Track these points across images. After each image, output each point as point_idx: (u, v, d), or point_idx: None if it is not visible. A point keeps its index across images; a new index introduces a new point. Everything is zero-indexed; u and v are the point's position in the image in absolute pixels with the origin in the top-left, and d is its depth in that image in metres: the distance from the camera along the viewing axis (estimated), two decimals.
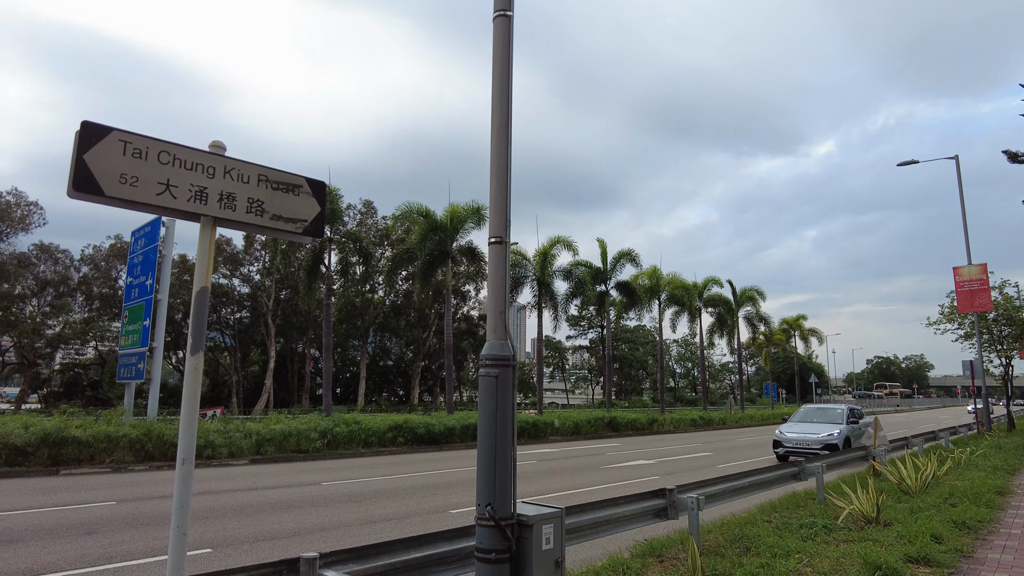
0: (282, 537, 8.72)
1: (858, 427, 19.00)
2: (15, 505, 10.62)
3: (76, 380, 40.86)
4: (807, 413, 20.60)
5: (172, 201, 3.13)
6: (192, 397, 3.05)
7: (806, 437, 17.85)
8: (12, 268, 37.85)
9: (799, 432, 18.28)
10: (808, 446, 17.44)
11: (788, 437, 18.21)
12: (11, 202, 35.17)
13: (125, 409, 18.28)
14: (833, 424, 18.56)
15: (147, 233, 18.31)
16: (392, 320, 53.75)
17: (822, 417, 19.65)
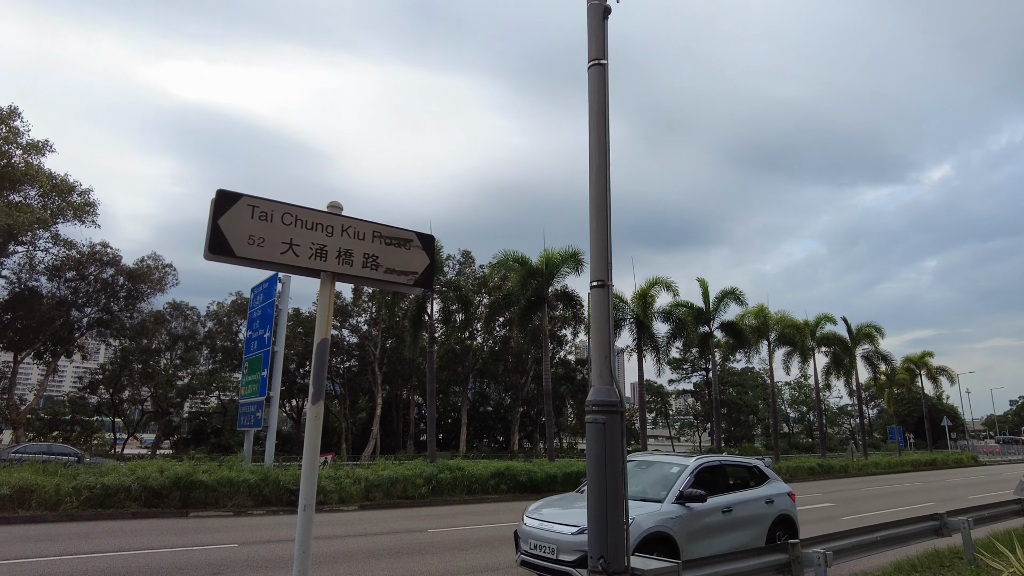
0: None
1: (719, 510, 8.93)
2: (153, 544, 11.38)
3: (202, 427, 43.87)
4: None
5: (295, 259, 3.36)
6: (313, 445, 3.19)
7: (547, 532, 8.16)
8: (151, 325, 41.63)
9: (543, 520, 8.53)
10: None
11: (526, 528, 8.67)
12: (151, 265, 38.90)
13: (244, 455, 19.34)
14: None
15: (265, 289, 19.66)
16: (491, 366, 54.29)
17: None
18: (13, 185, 30.89)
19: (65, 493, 14.44)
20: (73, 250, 35.71)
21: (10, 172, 30.62)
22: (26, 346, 36.40)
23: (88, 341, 42.30)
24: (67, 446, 31.14)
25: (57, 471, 15.89)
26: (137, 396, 44.13)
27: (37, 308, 35.17)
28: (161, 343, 44.05)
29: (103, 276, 37.44)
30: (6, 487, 13.83)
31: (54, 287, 36.75)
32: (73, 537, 11.85)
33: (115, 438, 45.70)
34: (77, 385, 52.39)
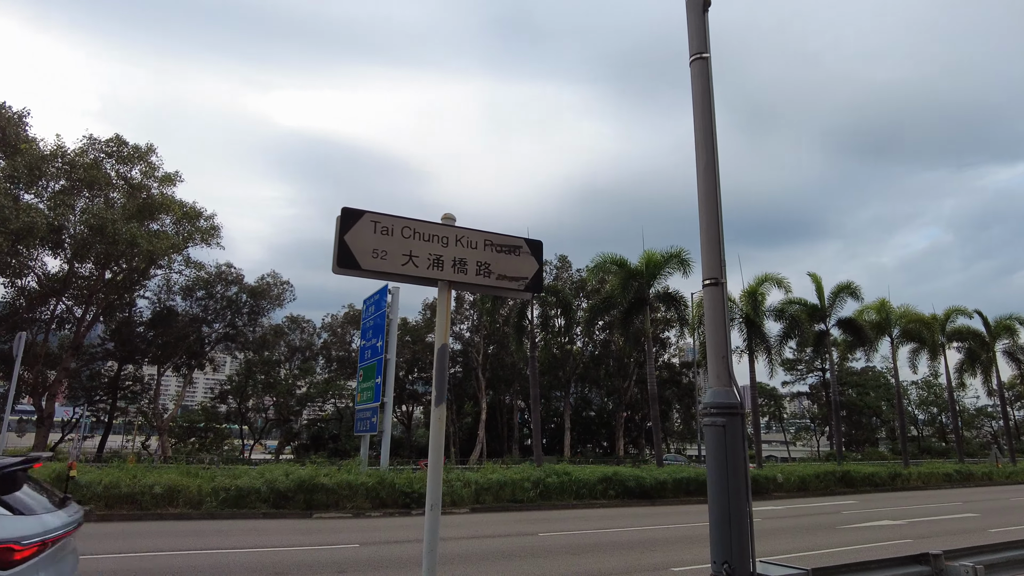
0: None
1: None
2: (282, 543, 12.17)
3: (320, 433, 46.37)
4: None
5: (414, 270, 3.54)
6: (437, 446, 3.34)
7: None
8: (271, 338, 44.66)
9: None
10: None
11: None
12: (270, 282, 41.81)
13: (361, 459, 20.28)
14: None
15: (376, 300, 20.59)
16: (592, 370, 53.92)
17: None
18: (152, 214, 34.11)
19: (206, 494, 15.72)
20: (202, 271, 38.93)
21: (149, 203, 33.84)
22: (166, 360, 40.01)
23: (217, 354, 45.93)
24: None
25: (199, 473, 17.34)
26: (261, 404, 47.35)
27: (174, 325, 38.59)
28: (281, 354, 47.11)
29: (228, 294, 40.58)
30: (159, 487, 15.25)
31: (188, 305, 40.23)
32: (214, 533, 12.88)
33: (243, 444, 49.21)
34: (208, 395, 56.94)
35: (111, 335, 39.72)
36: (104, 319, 37.75)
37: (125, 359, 39.83)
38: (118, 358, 39.88)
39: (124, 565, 9.66)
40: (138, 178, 34.25)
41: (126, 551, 10.82)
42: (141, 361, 40.84)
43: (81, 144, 32.90)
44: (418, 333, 47.81)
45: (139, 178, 34.26)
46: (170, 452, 37.51)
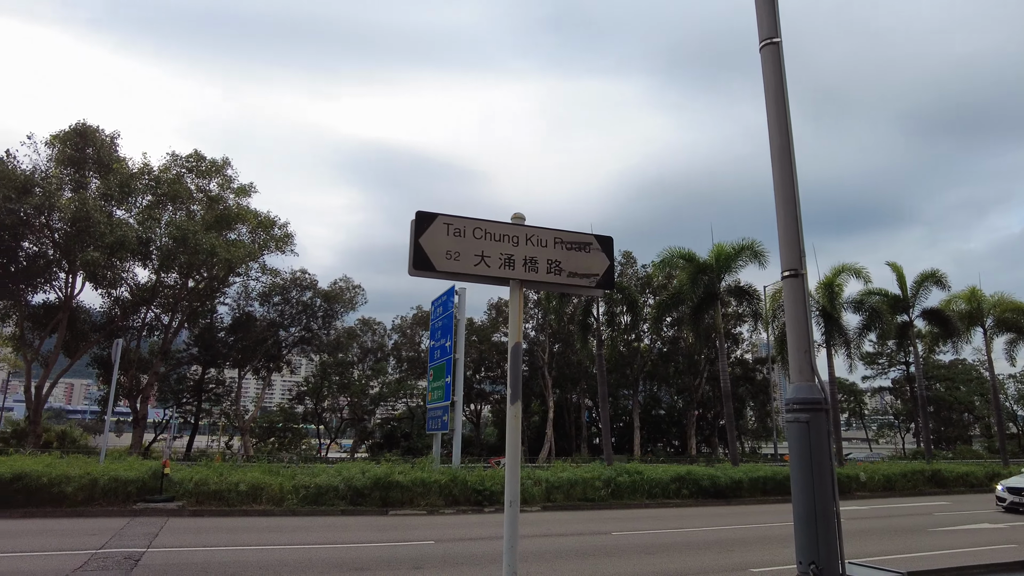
0: None
1: None
2: (361, 539, 12.54)
3: (392, 432, 47.47)
4: None
5: (486, 270, 3.59)
6: (514, 444, 3.37)
7: None
8: (344, 340, 46.10)
9: None
10: None
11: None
12: (342, 287, 43.16)
13: (434, 457, 20.64)
14: None
15: (443, 302, 20.94)
16: (660, 368, 53.02)
17: None
18: (229, 224, 35.80)
19: (287, 491, 16.37)
20: (278, 277, 40.55)
21: (227, 214, 35.53)
22: (246, 363, 41.88)
23: (293, 357, 47.72)
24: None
25: (280, 472, 18.06)
26: (336, 405, 48.87)
27: (253, 330, 40.34)
28: (354, 356, 48.51)
29: (303, 299, 42.11)
30: (244, 485, 15.98)
31: (265, 311, 41.96)
32: (297, 529, 13.40)
33: (319, 443, 50.93)
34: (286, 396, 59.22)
35: (195, 340, 41.88)
36: (188, 325, 39.84)
37: (208, 363, 41.92)
38: (202, 362, 42.01)
39: (215, 558, 10.18)
40: (216, 190, 36.03)
41: (217, 545, 11.39)
42: (223, 365, 42.89)
43: (164, 161, 34.92)
44: (484, 333, 48.25)
45: (216, 190, 36.03)
46: (252, 451, 39.23)
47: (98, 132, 32.57)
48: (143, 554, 10.19)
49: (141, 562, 9.61)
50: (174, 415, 47.32)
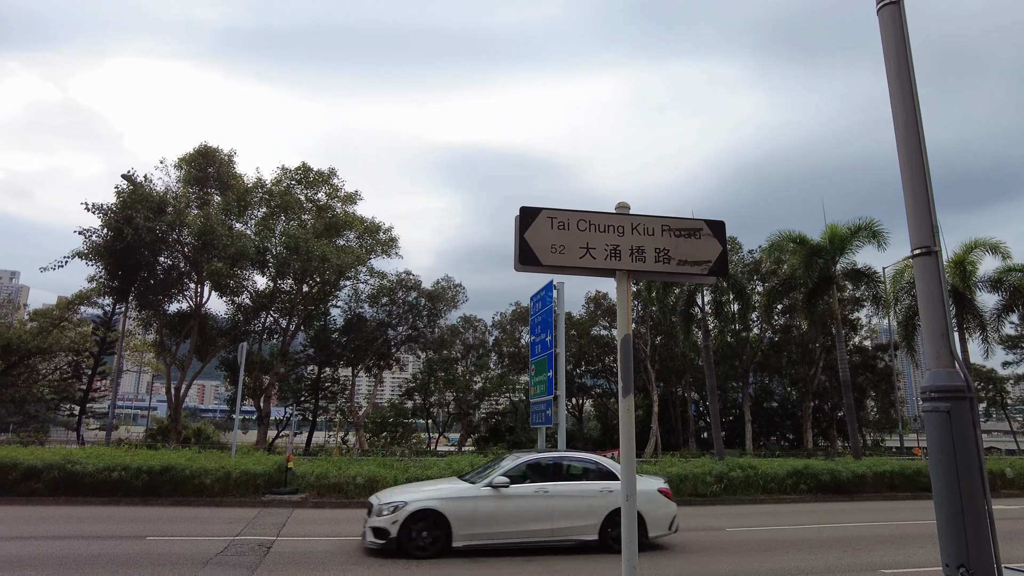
0: None
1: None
2: None
3: (497, 426, 48.26)
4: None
5: (592, 262, 3.55)
6: (628, 437, 3.32)
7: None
8: (448, 338, 47.34)
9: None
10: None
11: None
12: (444, 286, 44.39)
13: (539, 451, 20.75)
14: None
15: (542, 297, 20.96)
16: (772, 358, 50.61)
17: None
18: (338, 231, 37.67)
19: (400, 483, 17.00)
20: (384, 280, 42.20)
21: (335, 222, 37.41)
22: (358, 362, 43.90)
23: (402, 355, 49.51)
24: None
25: (393, 465, 18.81)
26: (442, 400, 50.29)
27: (364, 330, 42.23)
28: (457, 352, 49.72)
29: (408, 299, 43.61)
30: (360, 478, 16.79)
31: (374, 312, 43.80)
32: None
33: (428, 437, 52.59)
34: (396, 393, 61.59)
35: (311, 342, 44.40)
36: (304, 328, 42.28)
37: (324, 363, 44.34)
38: (318, 362, 44.49)
39: (339, 547, 10.74)
40: (323, 200, 38.00)
41: (339, 535, 12.02)
42: (337, 364, 45.21)
43: (276, 175, 37.21)
44: (583, 327, 47.99)
45: (324, 200, 38.00)
46: (366, 445, 41.11)
47: (218, 152, 35.17)
48: (273, 542, 10.92)
49: (272, 549, 10.31)
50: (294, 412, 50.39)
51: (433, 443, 51.02)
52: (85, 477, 15.49)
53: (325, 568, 9.08)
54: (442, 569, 9.10)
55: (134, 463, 15.92)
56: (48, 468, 15.40)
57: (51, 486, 15.34)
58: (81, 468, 15.52)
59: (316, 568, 9.07)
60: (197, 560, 9.30)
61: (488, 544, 9.88)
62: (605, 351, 49.46)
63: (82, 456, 16.52)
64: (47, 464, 15.50)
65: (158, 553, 9.83)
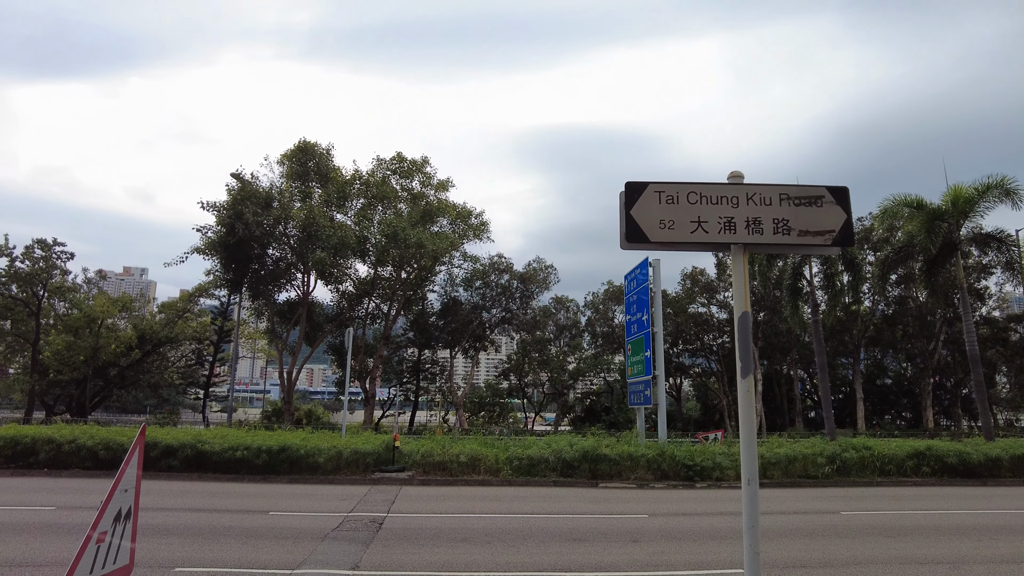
0: (813, 567, 8.35)
1: None
2: (574, 509, 12.86)
3: (593, 406, 48.14)
4: None
5: (704, 236, 3.38)
6: (748, 419, 3.17)
7: None
8: (540, 319, 47.57)
9: None
10: None
11: None
12: (536, 268, 44.61)
13: (638, 432, 20.53)
14: None
15: (638, 275, 20.63)
16: (885, 332, 47.38)
17: None
18: (432, 218, 38.56)
19: (502, 462, 17.32)
20: (477, 263, 42.92)
21: (429, 209, 38.30)
22: (455, 344, 45.01)
23: (496, 336, 50.25)
24: None
25: (494, 444, 19.16)
26: (537, 380, 50.69)
27: (459, 313, 43.22)
28: (550, 333, 49.88)
29: (501, 282, 44.17)
30: (463, 456, 17.22)
31: (469, 295, 44.72)
32: (513, 499, 14.12)
33: (524, 417, 53.25)
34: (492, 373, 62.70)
35: (411, 326, 45.92)
36: (404, 312, 43.76)
37: (423, 345, 45.82)
38: (417, 345, 46.04)
39: (446, 524, 11.08)
40: (417, 188, 38.97)
41: (445, 512, 12.39)
42: (436, 346, 46.61)
43: (371, 166, 38.47)
44: (679, 304, 46.74)
45: (418, 188, 38.97)
46: (466, 425, 42.17)
47: (316, 147, 36.75)
48: (385, 518, 11.40)
49: (384, 526, 10.76)
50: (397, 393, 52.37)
51: (529, 422, 51.60)
52: (213, 456, 16.79)
53: (435, 544, 9.38)
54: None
55: (255, 443, 17.07)
56: (182, 447, 16.80)
57: (185, 463, 16.74)
58: (209, 448, 16.83)
59: (427, 544, 9.39)
60: (316, 535, 9.86)
61: None
62: (703, 329, 48.04)
63: (209, 436, 17.89)
64: (181, 443, 16.90)
65: (280, 527, 10.51)
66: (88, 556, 3.03)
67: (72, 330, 38.82)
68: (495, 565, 8.26)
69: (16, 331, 39.71)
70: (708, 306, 48.09)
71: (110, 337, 39.58)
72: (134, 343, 40.87)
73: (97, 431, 18.21)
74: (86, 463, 16.93)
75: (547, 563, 8.42)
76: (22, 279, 38.05)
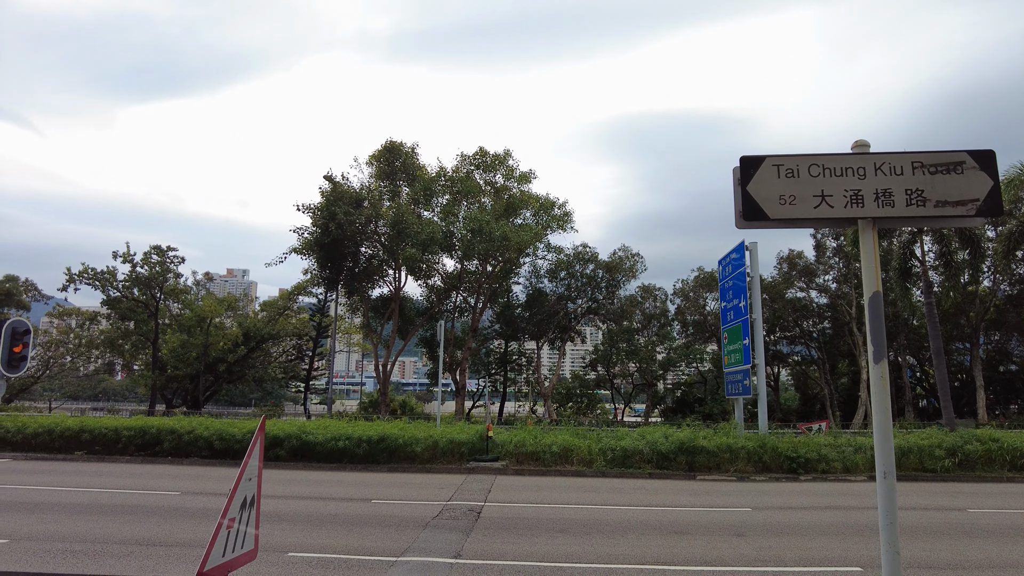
0: (942, 568, 7.76)
1: None
2: (672, 503, 12.57)
3: (684, 397, 46.94)
4: None
5: (828, 211, 3.13)
6: (882, 408, 2.91)
7: None
8: (628, 308, 46.80)
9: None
10: None
11: None
12: (622, 256, 43.84)
13: (737, 422, 19.82)
14: None
15: (733, 260, 19.86)
16: (1009, 314, 43.46)
17: None
18: (515, 211, 38.73)
19: (595, 454, 17.17)
20: (561, 254, 42.69)
21: (512, 202, 38.48)
22: (541, 335, 45.06)
23: (582, 327, 49.91)
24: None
25: (586, 435, 19.04)
26: (625, 371, 49.96)
27: (545, 304, 43.22)
28: (638, 323, 48.98)
29: (586, 272, 43.76)
30: (556, 447, 17.21)
31: (554, 286, 44.62)
32: (609, 490, 13.95)
33: (614, 408, 52.65)
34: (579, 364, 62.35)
35: (497, 318, 46.36)
36: (490, 305, 44.23)
37: (509, 337, 46.13)
38: (504, 337, 46.40)
39: (542, 514, 11.08)
40: (500, 181, 39.22)
41: (541, 502, 12.40)
42: (522, 338, 46.81)
43: (455, 162, 39.06)
44: (776, 290, 44.69)
45: (501, 181, 39.20)
46: (555, 415, 42.21)
47: (402, 146, 37.67)
48: (482, 507, 11.54)
49: (482, 514, 10.89)
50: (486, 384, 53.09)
51: (619, 414, 51.01)
52: (316, 446, 17.57)
53: (534, 535, 9.40)
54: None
55: (355, 433, 17.73)
56: (288, 437, 17.69)
57: (291, 452, 17.62)
58: (313, 438, 17.62)
59: (525, 534, 9.42)
60: (417, 523, 10.10)
61: None
62: (802, 315, 45.80)
63: (312, 427, 18.74)
64: (287, 434, 17.80)
65: (383, 515, 10.84)
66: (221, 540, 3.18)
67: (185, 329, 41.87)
68: (595, 557, 8.17)
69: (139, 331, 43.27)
70: (807, 291, 45.79)
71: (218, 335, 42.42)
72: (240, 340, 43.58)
73: (211, 423, 19.47)
74: (203, 452, 18.14)
75: (649, 556, 8.24)
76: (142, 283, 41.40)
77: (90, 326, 48.19)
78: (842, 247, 41.36)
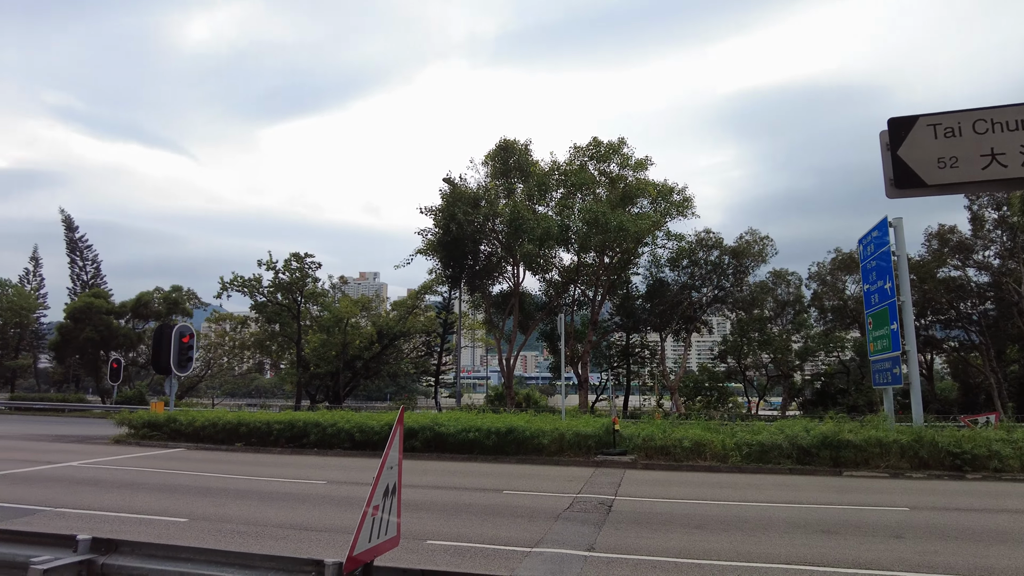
0: None
1: None
2: (817, 500, 11.78)
3: (824, 388, 43.88)
4: None
5: (1002, 171, 2.75)
6: None
7: None
8: (758, 295, 44.46)
9: None
10: None
11: None
12: (749, 240, 41.64)
13: (887, 415, 18.25)
14: None
15: (875, 238, 18.27)
16: None
17: None
18: (631, 199, 37.94)
19: (730, 448, 16.48)
20: (683, 241, 41.27)
21: (628, 190, 37.75)
22: (664, 327, 43.88)
23: (709, 317, 48.05)
24: None
25: (719, 429, 18.32)
26: (759, 362, 47.50)
27: (667, 294, 42.03)
28: (770, 310, 46.38)
29: (711, 259, 42.01)
30: (687, 441, 16.70)
31: (675, 275, 43.26)
32: (747, 487, 13.32)
33: (746, 401, 50.25)
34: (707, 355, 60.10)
35: (617, 310, 45.68)
36: (609, 297, 43.67)
37: (630, 329, 45.31)
38: (625, 329, 45.64)
39: (676, 510, 10.78)
40: (615, 171, 38.55)
41: (674, 497, 12.08)
42: (644, 330, 45.83)
43: (568, 155, 38.86)
44: (925, 269, 40.66)
45: (616, 170, 38.53)
46: (683, 409, 40.98)
47: (515, 144, 38.05)
48: (613, 501, 11.42)
49: (613, 508, 10.78)
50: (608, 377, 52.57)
51: (752, 407, 48.65)
52: (448, 437, 18.19)
53: (668, 530, 9.17)
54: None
55: (484, 425, 18.17)
56: (422, 429, 18.45)
57: (425, 443, 18.36)
58: (445, 430, 18.26)
59: (659, 529, 9.21)
60: (549, 514, 10.17)
61: None
62: (958, 296, 41.35)
63: (444, 419, 19.41)
64: (421, 426, 18.57)
65: (515, 506, 11.01)
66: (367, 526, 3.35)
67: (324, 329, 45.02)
68: (735, 555, 7.83)
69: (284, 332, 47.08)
70: (962, 269, 41.30)
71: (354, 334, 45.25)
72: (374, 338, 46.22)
73: (352, 416, 20.72)
74: (345, 444, 19.35)
75: (795, 556, 7.78)
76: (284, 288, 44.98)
77: (241, 329, 53.11)
78: (1005, 218, 36.93)
